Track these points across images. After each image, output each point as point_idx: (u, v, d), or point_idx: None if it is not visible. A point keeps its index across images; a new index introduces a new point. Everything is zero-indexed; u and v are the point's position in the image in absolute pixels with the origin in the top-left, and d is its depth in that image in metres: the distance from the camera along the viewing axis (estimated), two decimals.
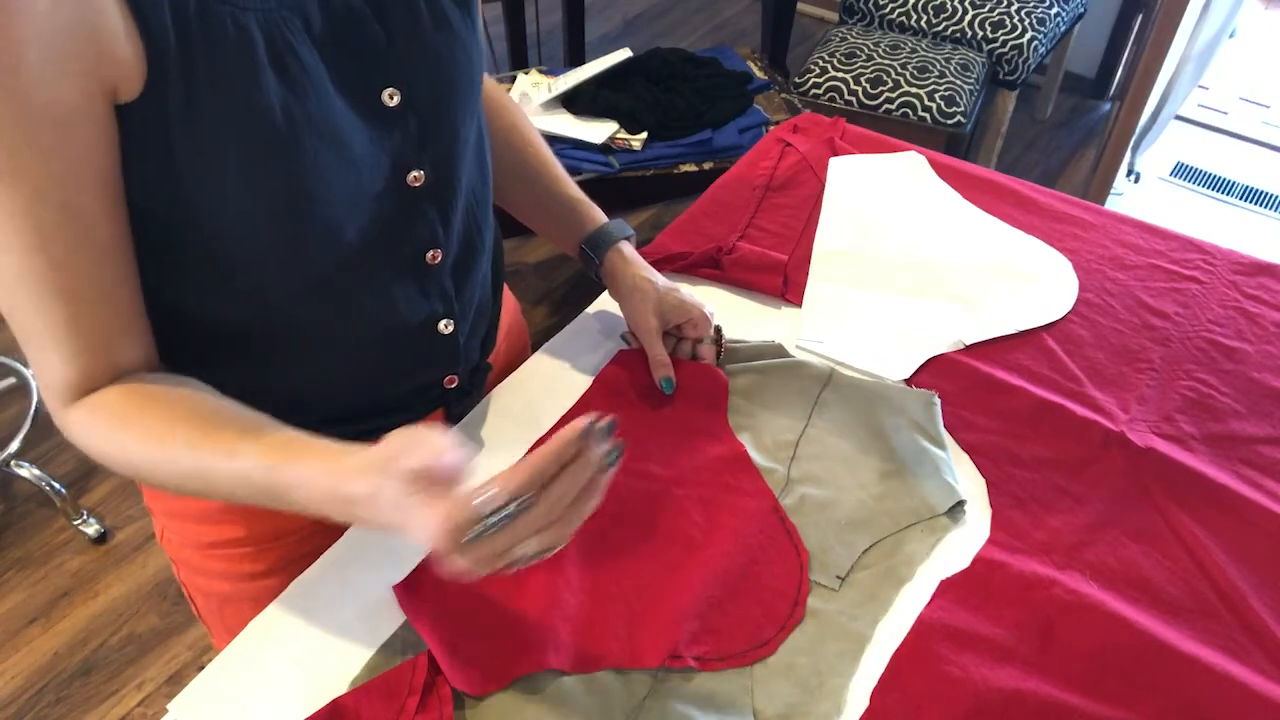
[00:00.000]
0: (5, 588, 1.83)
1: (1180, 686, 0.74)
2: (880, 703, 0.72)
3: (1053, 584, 0.80)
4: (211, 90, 0.59)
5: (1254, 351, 1.03)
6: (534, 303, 2.43)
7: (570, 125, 2.00)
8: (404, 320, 0.78)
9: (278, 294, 0.70)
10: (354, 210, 0.70)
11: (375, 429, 0.81)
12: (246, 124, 0.61)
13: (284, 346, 0.75)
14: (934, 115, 2.27)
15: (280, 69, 0.62)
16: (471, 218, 0.81)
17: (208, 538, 0.85)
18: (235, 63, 0.59)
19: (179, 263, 0.67)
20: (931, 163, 1.26)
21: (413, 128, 0.71)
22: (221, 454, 0.63)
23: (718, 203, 1.20)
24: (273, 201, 0.65)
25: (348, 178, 0.68)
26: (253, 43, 0.60)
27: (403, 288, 0.76)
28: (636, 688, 0.72)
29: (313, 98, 0.63)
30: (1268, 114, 3.10)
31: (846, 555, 0.82)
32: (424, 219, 0.75)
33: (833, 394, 0.96)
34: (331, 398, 0.79)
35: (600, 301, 1.06)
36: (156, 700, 1.67)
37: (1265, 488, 0.89)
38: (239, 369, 0.74)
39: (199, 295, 0.70)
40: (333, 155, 0.66)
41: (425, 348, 0.81)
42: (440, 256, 0.78)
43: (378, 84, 0.68)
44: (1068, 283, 1.10)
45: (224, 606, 0.89)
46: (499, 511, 0.56)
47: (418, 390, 0.85)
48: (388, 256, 0.74)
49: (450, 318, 0.81)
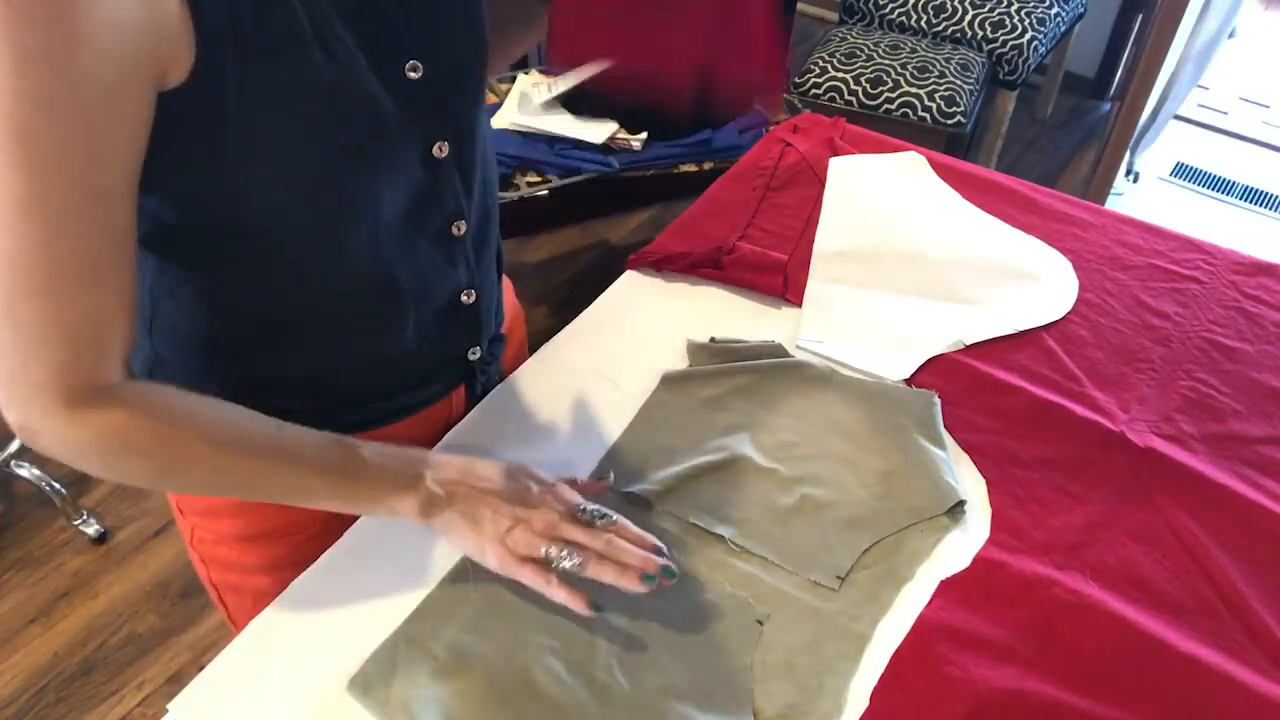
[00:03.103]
0: (5, 588, 1.83)
1: (1180, 686, 0.74)
2: (880, 703, 0.72)
3: (1053, 584, 0.80)
4: (265, 69, 0.59)
5: (1254, 351, 1.03)
6: (534, 303, 2.43)
7: (570, 125, 1.99)
8: (434, 293, 0.80)
9: (318, 273, 0.72)
10: (390, 184, 0.71)
11: (402, 407, 0.83)
12: (298, 100, 0.61)
13: (319, 327, 0.76)
14: (934, 115, 2.27)
15: (323, 44, 0.62)
16: (486, 187, 0.83)
17: (245, 531, 0.85)
18: (286, 40, 0.60)
19: (223, 251, 0.68)
20: (931, 163, 1.26)
21: (435, 100, 0.72)
22: (298, 437, 0.69)
23: (718, 203, 1.20)
24: (319, 178, 0.66)
25: (385, 151, 0.69)
26: (299, 19, 0.60)
27: (433, 260, 0.78)
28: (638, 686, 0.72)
29: (355, 71, 0.64)
30: (1267, 114, 3.10)
31: (847, 555, 0.82)
32: (450, 190, 0.76)
33: (832, 394, 0.96)
34: (362, 374, 0.81)
35: (600, 301, 1.06)
36: (157, 700, 1.67)
37: (1265, 488, 0.89)
38: (270, 352, 0.76)
39: (242, 283, 0.71)
40: (375, 128, 0.67)
41: (453, 318, 0.83)
42: (464, 227, 0.79)
43: (402, 58, 0.69)
44: (1068, 283, 1.10)
45: (259, 602, 0.90)
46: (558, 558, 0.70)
47: (446, 363, 0.86)
48: (421, 229, 0.76)
49: (473, 288, 0.83)
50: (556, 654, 0.73)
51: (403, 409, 0.84)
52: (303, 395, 0.79)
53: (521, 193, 1.92)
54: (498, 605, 0.76)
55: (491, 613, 0.76)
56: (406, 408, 0.85)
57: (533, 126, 1.98)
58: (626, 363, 0.98)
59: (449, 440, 0.89)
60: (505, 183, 1.92)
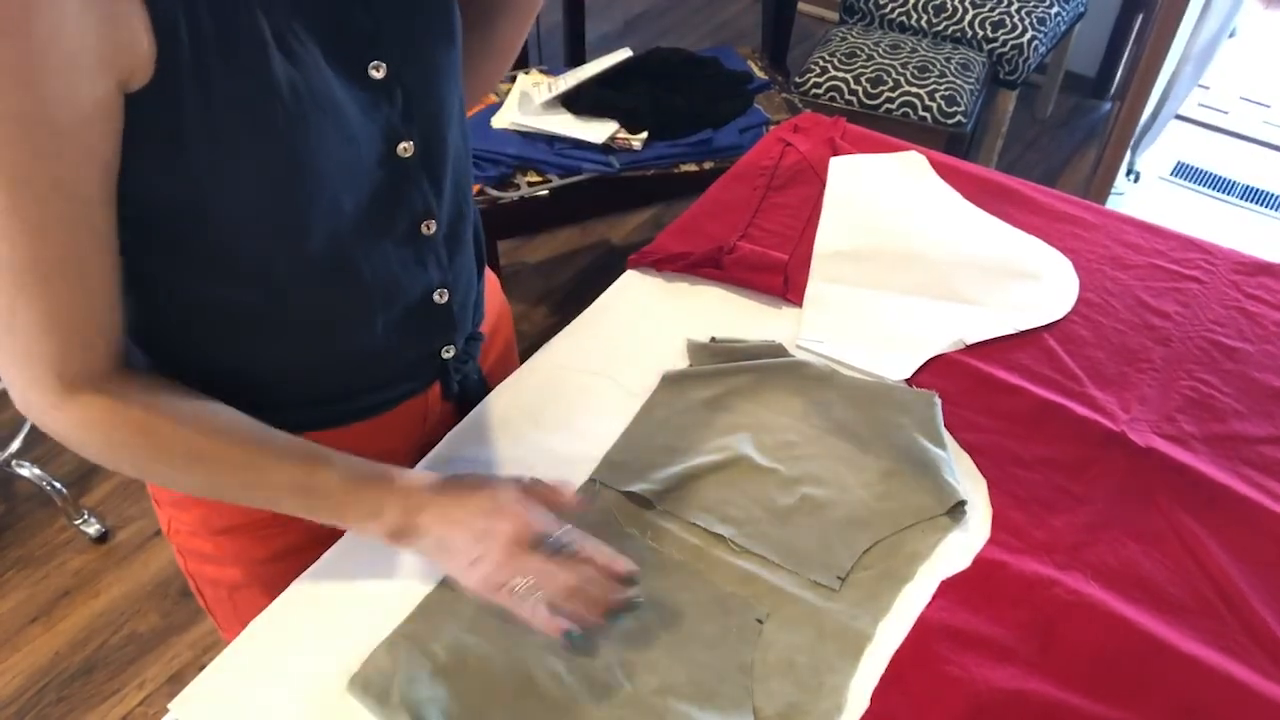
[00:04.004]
0: (6, 587, 1.83)
1: (1181, 686, 0.74)
2: (880, 702, 0.72)
3: (1054, 584, 0.80)
4: (224, 71, 0.59)
5: (1255, 351, 1.03)
6: (534, 303, 2.43)
7: (571, 125, 2.00)
8: (404, 292, 0.79)
9: (281, 274, 0.71)
10: (353, 184, 0.71)
11: (376, 404, 0.83)
12: (257, 102, 0.61)
13: (287, 324, 0.76)
14: (934, 115, 2.27)
15: (283, 46, 0.62)
16: (459, 186, 0.82)
17: (219, 523, 0.85)
18: (245, 42, 0.60)
19: (184, 248, 0.68)
20: (932, 162, 1.26)
21: (399, 99, 0.72)
22: (276, 447, 0.70)
23: (718, 203, 1.20)
24: (280, 179, 0.65)
25: (346, 151, 0.69)
26: (257, 20, 0.60)
27: (401, 260, 0.78)
28: (638, 686, 0.72)
29: (313, 72, 0.64)
30: (1268, 113, 3.09)
31: (847, 555, 0.82)
32: (417, 190, 0.76)
33: (833, 394, 0.96)
34: (333, 372, 0.81)
35: (600, 302, 1.06)
36: (157, 700, 1.67)
37: (1266, 488, 0.89)
38: (241, 348, 0.75)
39: (204, 279, 0.70)
40: (333, 129, 0.67)
41: (424, 318, 0.83)
42: (434, 227, 0.79)
43: (365, 57, 0.69)
44: (1068, 282, 1.10)
45: (234, 594, 0.90)
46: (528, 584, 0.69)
47: (418, 361, 0.86)
48: (386, 229, 0.76)
49: (445, 287, 0.83)
50: (556, 654, 0.74)
51: (375, 406, 0.84)
52: (271, 390, 0.78)
53: (521, 193, 1.92)
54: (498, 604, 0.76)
55: (491, 613, 0.76)
56: (379, 405, 0.84)
57: (533, 126, 1.98)
58: (626, 363, 0.98)
59: (449, 440, 0.89)
60: (505, 183, 1.92)
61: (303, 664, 0.73)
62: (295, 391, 0.80)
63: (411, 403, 0.87)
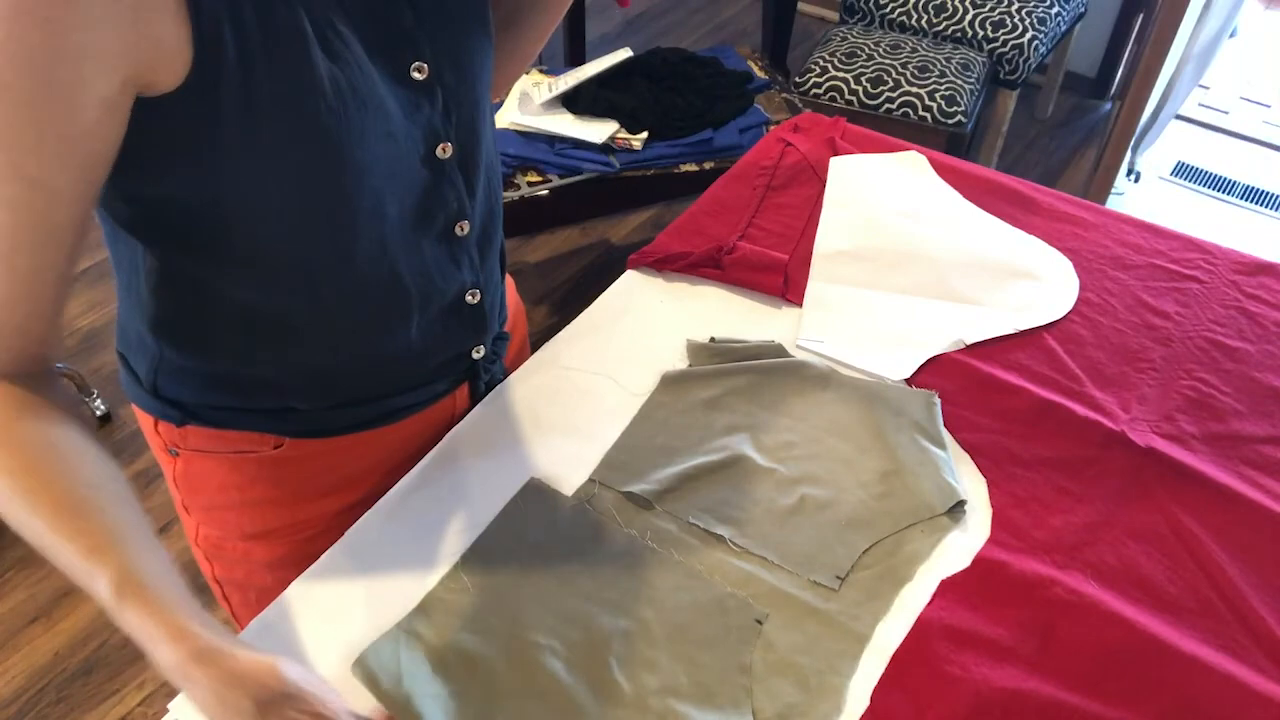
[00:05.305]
0: (6, 587, 1.83)
1: (1180, 686, 0.74)
2: (880, 702, 0.72)
3: (1053, 584, 0.80)
4: (268, 71, 0.59)
5: (1255, 351, 1.03)
6: (534, 303, 2.43)
7: (571, 125, 2.00)
8: (440, 293, 0.80)
9: (320, 273, 0.71)
10: (393, 184, 0.71)
11: (407, 405, 0.83)
12: (301, 101, 0.61)
13: (325, 327, 0.76)
14: (934, 115, 2.27)
15: (326, 44, 0.62)
16: (490, 187, 0.83)
17: (251, 527, 0.85)
18: (288, 42, 0.60)
19: (221, 250, 0.68)
20: (932, 162, 1.26)
21: (439, 100, 0.72)
22: (91, 530, 0.60)
23: (718, 202, 1.20)
24: (322, 179, 0.65)
25: (388, 151, 0.69)
26: (300, 20, 0.60)
27: (437, 261, 0.78)
28: (638, 686, 0.72)
29: (356, 72, 0.64)
30: (1268, 113, 3.09)
31: (847, 555, 0.82)
32: (454, 190, 0.77)
33: (833, 394, 0.96)
34: (367, 374, 0.81)
35: (600, 301, 1.06)
36: (157, 700, 1.67)
37: (1266, 487, 0.89)
38: (275, 350, 0.75)
39: (240, 280, 0.70)
40: (376, 128, 0.67)
41: (457, 319, 0.83)
42: (468, 228, 0.79)
43: (407, 58, 0.69)
44: (1068, 282, 1.10)
45: (263, 598, 0.90)
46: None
47: (450, 362, 0.86)
48: (424, 230, 0.76)
49: (477, 287, 0.83)
50: (556, 653, 0.74)
51: (406, 407, 0.85)
52: (306, 393, 0.79)
53: (522, 192, 1.92)
54: (498, 604, 0.76)
55: (491, 611, 0.76)
56: (410, 406, 0.85)
57: (533, 126, 1.98)
58: (626, 363, 0.98)
59: (449, 440, 0.89)
60: (505, 182, 1.92)
61: (303, 664, 0.73)
62: (328, 393, 0.80)
63: (440, 404, 0.87)
